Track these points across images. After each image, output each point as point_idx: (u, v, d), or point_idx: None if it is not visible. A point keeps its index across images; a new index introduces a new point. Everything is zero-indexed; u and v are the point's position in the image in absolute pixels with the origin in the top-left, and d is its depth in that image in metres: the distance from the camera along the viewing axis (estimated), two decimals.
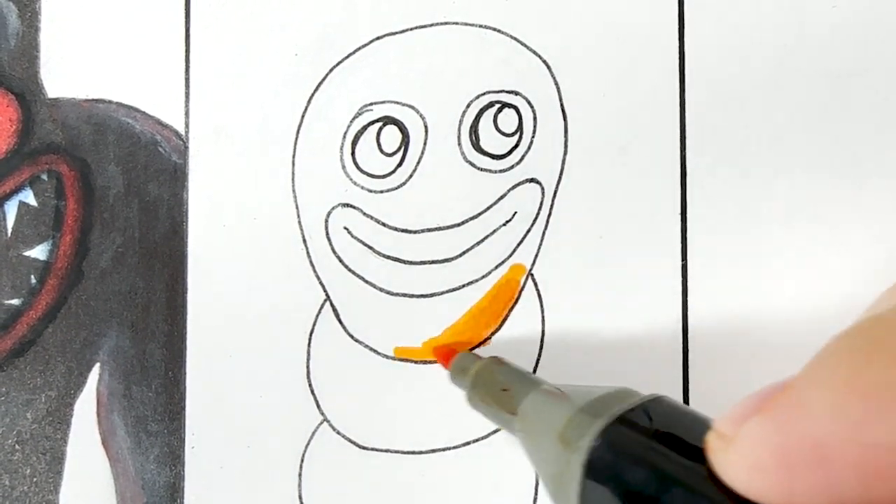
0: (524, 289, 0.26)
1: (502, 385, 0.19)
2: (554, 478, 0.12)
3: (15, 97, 0.28)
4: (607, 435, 0.11)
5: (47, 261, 0.27)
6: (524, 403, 0.15)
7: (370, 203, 0.26)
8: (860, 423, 0.09)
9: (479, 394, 0.20)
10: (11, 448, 0.27)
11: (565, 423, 0.12)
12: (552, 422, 0.12)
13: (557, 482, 0.12)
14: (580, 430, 0.11)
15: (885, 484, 0.09)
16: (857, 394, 0.09)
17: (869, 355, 0.09)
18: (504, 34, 0.26)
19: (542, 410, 0.13)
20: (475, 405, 0.21)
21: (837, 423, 0.09)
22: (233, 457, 0.26)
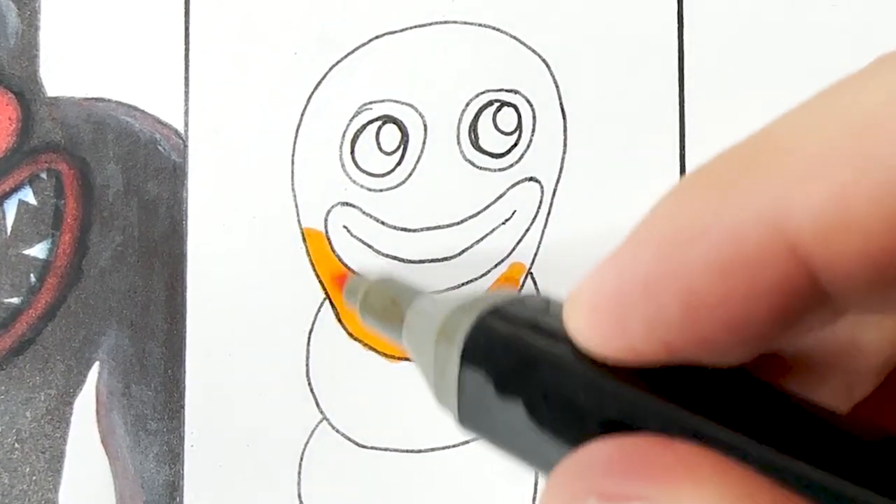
0: (524, 287, 0.26)
1: (391, 298, 0.19)
2: (436, 376, 0.13)
3: (14, 96, 0.28)
4: (482, 323, 0.12)
5: (47, 259, 0.27)
6: (409, 312, 0.16)
7: (369, 202, 0.26)
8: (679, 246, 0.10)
9: (369, 309, 0.21)
10: (11, 446, 0.27)
11: (443, 321, 0.12)
12: (433, 322, 0.13)
13: (439, 379, 0.13)
14: (457, 323, 0.12)
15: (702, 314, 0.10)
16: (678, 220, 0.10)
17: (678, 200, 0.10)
18: (504, 33, 0.26)
19: (424, 314, 0.14)
20: (369, 323, 0.22)
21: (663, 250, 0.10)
22: (232, 455, 0.26)
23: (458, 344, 0.12)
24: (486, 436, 0.12)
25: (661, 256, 0.10)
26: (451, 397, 0.13)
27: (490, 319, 0.12)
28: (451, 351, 0.12)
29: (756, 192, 0.09)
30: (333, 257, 0.27)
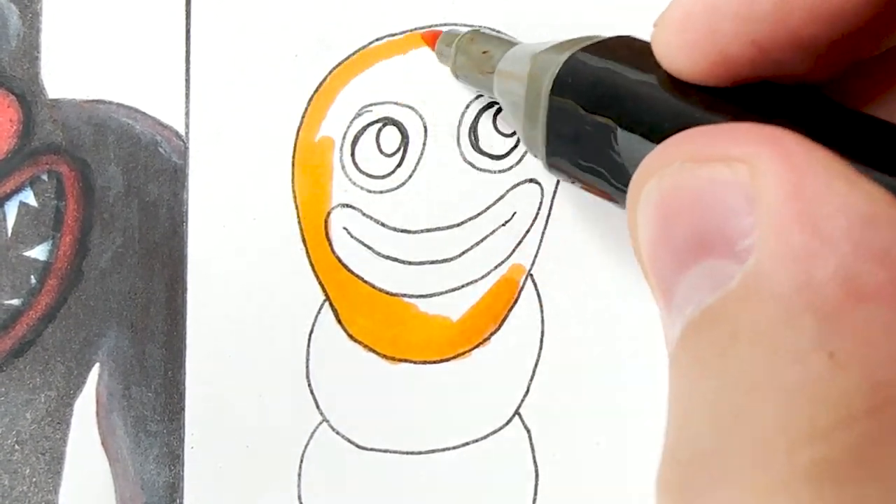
0: (524, 289, 0.26)
1: (483, 48, 0.20)
2: (525, 117, 0.13)
3: (16, 98, 0.28)
4: (571, 61, 0.12)
5: (47, 261, 0.27)
6: (501, 61, 0.17)
7: (370, 203, 0.27)
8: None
9: (462, 61, 0.21)
10: (11, 448, 0.27)
11: (533, 61, 0.13)
12: (523, 66, 0.13)
13: (529, 120, 0.13)
14: (547, 63, 0.12)
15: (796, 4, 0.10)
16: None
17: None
18: (503, 34, 0.26)
19: (515, 61, 0.15)
20: (461, 76, 0.22)
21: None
22: (232, 457, 0.26)
23: (548, 79, 0.12)
24: (571, 172, 0.12)
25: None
26: (538, 136, 0.13)
27: (579, 57, 0.12)
28: (541, 86, 0.12)
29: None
30: (333, 258, 0.27)
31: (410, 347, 0.26)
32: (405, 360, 0.26)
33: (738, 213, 0.10)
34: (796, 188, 0.09)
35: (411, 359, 0.26)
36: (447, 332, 0.26)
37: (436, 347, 0.26)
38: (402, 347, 0.26)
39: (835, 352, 0.08)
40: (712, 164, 0.10)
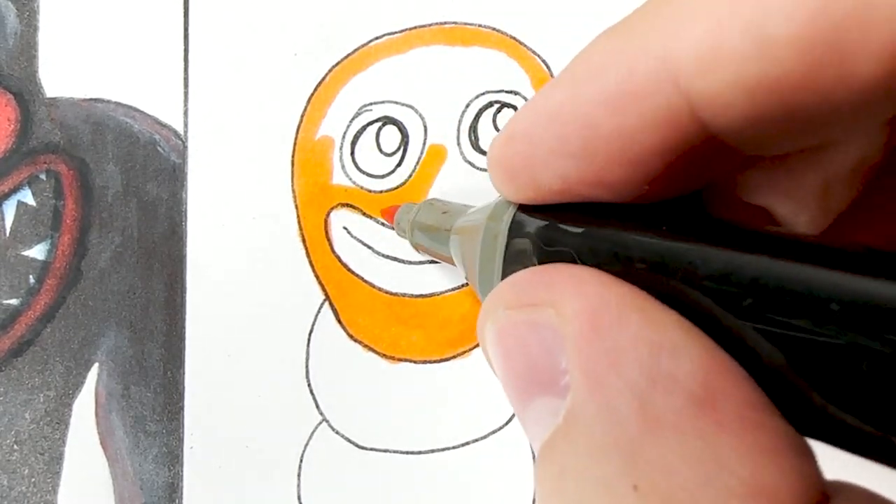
0: None
1: (442, 210, 0.21)
2: (482, 256, 0.14)
3: (13, 96, 0.27)
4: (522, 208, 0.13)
5: (46, 261, 0.27)
6: (460, 219, 0.18)
7: (370, 203, 0.26)
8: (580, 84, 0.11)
9: (421, 223, 0.22)
10: (10, 448, 0.27)
11: (492, 209, 0.14)
12: (482, 216, 0.14)
13: (485, 258, 0.14)
14: (504, 209, 0.14)
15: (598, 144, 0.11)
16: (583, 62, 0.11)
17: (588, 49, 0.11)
18: (503, 34, 0.26)
19: (473, 214, 0.16)
20: (418, 240, 0.23)
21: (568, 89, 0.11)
22: (231, 457, 0.26)
23: (507, 219, 0.13)
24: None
25: (566, 92, 0.11)
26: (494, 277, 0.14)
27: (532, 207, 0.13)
28: (500, 228, 0.14)
29: (647, 34, 0.10)
30: (334, 258, 0.27)
31: (410, 347, 0.26)
32: (405, 360, 0.26)
33: (556, 352, 0.10)
34: (592, 325, 0.10)
35: (411, 358, 0.26)
36: (447, 331, 0.26)
37: (436, 347, 0.26)
38: (402, 347, 0.26)
39: (638, 484, 0.09)
40: (526, 309, 0.11)
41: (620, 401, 0.10)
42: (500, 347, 0.12)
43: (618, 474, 0.09)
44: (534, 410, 0.11)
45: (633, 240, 0.11)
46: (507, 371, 0.12)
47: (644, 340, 0.10)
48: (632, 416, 0.09)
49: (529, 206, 0.13)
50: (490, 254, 0.14)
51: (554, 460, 0.10)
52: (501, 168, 0.12)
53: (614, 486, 0.09)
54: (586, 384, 0.10)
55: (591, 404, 0.10)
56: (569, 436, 0.10)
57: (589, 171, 0.11)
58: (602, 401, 0.10)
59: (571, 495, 0.10)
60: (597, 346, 0.10)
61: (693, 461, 0.09)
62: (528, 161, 0.12)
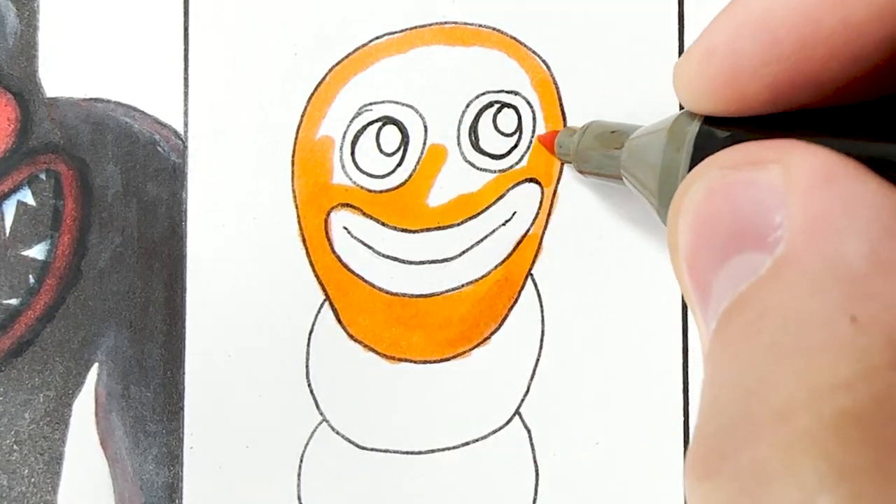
0: (524, 289, 0.26)
1: (610, 129, 0.21)
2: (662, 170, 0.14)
3: (13, 96, 0.27)
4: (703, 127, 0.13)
5: (45, 260, 0.27)
6: (631, 136, 0.17)
7: (370, 203, 0.26)
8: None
9: (588, 143, 0.22)
10: (9, 448, 0.27)
11: (672, 123, 0.14)
12: (661, 130, 0.14)
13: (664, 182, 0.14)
14: (687, 122, 0.13)
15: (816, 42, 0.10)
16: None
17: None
18: (504, 34, 0.26)
19: (649, 131, 0.15)
20: (583, 159, 0.23)
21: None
22: (232, 457, 0.26)
23: (688, 144, 0.13)
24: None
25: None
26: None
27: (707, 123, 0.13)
28: (681, 153, 0.13)
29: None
30: (334, 258, 0.27)
31: (410, 347, 0.26)
32: (405, 360, 0.26)
33: (771, 208, 0.10)
34: (828, 177, 0.10)
35: (411, 358, 0.26)
36: (447, 331, 0.26)
37: (436, 347, 0.26)
38: (402, 347, 0.26)
39: (857, 315, 0.09)
40: (748, 167, 0.11)
41: (849, 243, 0.09)
42: (704, 210, 0.11)
43: (835, 306, 0.09)
44: (728, 270, 0.11)
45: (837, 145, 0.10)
46: (705, 231, 0.11)
47: (881, 195, 0.09)
48: (861, 259, 0.09)
49: (712, 118, 0.12)
50: (673, 164, 0.13)
51: (752, 304, 0.10)
52: (701, 82, 0.12)
53: (829, 316, 0.09)
54: (811, 228, 0.10)
55: (814, 246, 0.09)
56: (776, 278, 0.10)
57: (804, 73, 0.11)
58: (829, 242, 0.09)
59: (771, 331, 0.09)
60: (830, 194, 0.10)
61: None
62: (733, 75, 0.11)
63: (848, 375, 0.09)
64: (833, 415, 0.08)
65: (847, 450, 0.08)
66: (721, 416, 0.10)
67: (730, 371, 0.10)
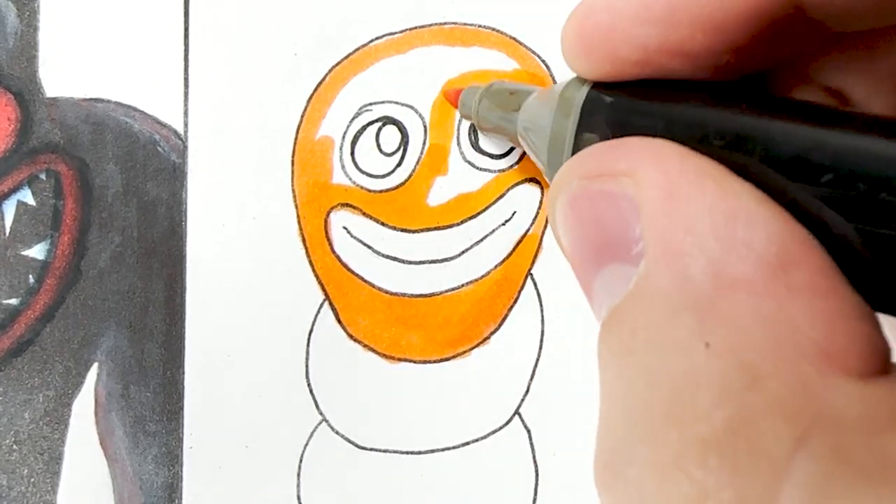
0: (524, 288, 0.26)
1: (510, 90, 0.21)
2: (553, 133, 0.14)
3: (13, 96, 0.27)
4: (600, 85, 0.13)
5: (45, 260, 0.27)
6: (528, 99, 0.18)
7: (370, 203, 0.26)
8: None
9: (487, 104, 0.22)
10: (9, 448, 0.27)
11: (564, 87, 0.14)
12: (551, 96, 0.14)
13: (556, 134, 0.14)
14: (576, 88, 0.14)
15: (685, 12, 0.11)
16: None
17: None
18: (503, 34, 0.26)
19: (544, 94, 0.15)
20: (483, 120, 0.23)
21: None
22: (231, 457, 0.26)
23: (575, 109, 0.13)
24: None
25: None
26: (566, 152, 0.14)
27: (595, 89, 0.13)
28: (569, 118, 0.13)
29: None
30: (333, 256, 0.27)
31: (410, 347, 0.26)
32: (405, 360, 0.26)
33: (630, 221, 0.11)
34: (669, 193, 0.10)
35: (411, 358, 0.26)
36: (447, 331, 0.26)
37: (435, 347, 0.26)
38: (401, 347, 0.26)
39: (710, 342, 0.09)
40: (602, 178, 0.11)
41: (695, 266, 0.10)
42: (572, 217, 0.12)
43: (690, 332, 0.10)
44: (604, 278, 0.11)
45: (711, 115, 0.11)
46: (577, 240, 0.12)
47: (720, 209, 0.10)
48: (706, 280, 0.10)
49: (603, 84, 0.13)
50: (561, 130, 0.14)
51: (624, 322, 0.10)
52: (579, 41, 0.12)
53: (686, 343, 0.10)
54: (661, 249, 0.10)
55: (665, 269, 0.10)
56: (641, 298, 0.10)
57: (672, 39, 0.11)
58: (676, 265, 0.10)
59: (641, 354, 0.10)
60: (673, 214, 0.10)
61: (765, 322, 0.09)
62: (607, 32, 0.12)
63: (705, 404, 0.09)
64: (694, 441, 0.09)
65: (707, 474, 0.09)
66: (611, 432, 0.10)
67: (615, 389, 0.10)
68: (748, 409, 0.09)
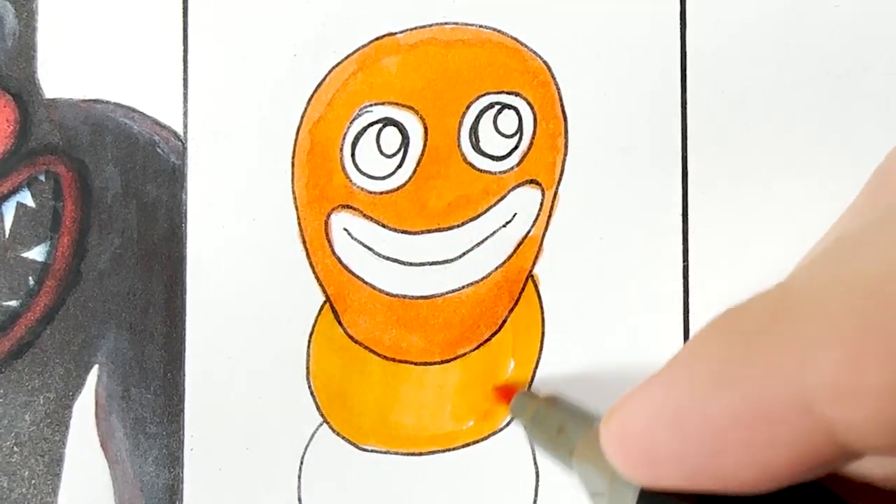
0: (524, 289, 0.26)
1: (558, 426, 0.20)
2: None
3: (12, 97, 0.27)
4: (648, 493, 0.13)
5: (45, 262, 0.27)
6: (579, 445, 0.17)
7: (370, 204, 0.26)
8: (706, 392, 0.10)
9: (537, 435, 0.22)
10: (10, 450, 0.27)
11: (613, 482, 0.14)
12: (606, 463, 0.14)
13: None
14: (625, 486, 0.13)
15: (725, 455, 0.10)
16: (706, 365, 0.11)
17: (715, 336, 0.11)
18: (504, 34, 0.26)
19: (596, 452, 0.15)
20: (535, 443, 0.23)
21: (692, 392, 0.11)
22: (232, 459, 0.26)
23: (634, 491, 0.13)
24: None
25: (691, 396, 0.11)
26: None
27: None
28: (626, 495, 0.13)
29: (775, 354, 0.10)
30: (335, 260, 0.27)
31: (411, 349, 0.26)
32: (405, 361, 0.26)
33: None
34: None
35: (411, 360, 0.26)
36: (447, 333, 0.26)
37: (436, 349, 0.26)
38: (402, 349, 0.26)
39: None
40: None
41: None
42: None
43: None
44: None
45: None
46: None
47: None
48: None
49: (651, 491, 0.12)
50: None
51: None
52: (621, 457, 0.12)
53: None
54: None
55: None
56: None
57: (715, 474, 0.11)
58: None
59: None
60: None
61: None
62: (650, 458, 0.11)
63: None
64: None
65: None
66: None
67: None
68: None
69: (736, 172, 0.25)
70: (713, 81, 0.25)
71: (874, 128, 0.24)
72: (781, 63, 0.25)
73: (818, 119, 0.24)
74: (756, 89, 0.25)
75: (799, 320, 0.10)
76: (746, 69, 0.25)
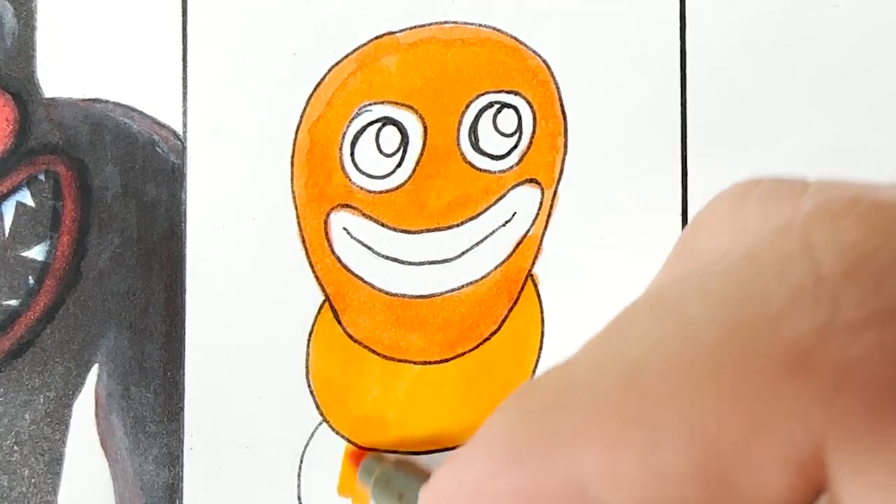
0: (524, 289, 0.26)
1: (399, 491, 0.21)
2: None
3: (11, 97, 0.27)
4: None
5: (45, 261, 0.27)
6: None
7: (370, 204, 0.26)
8: (498, 469, 0.11)
9: (380, 501, 0.23)
10: (10, 449, 0.27)
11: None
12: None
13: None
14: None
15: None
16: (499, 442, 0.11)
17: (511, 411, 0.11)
18: (504, 34, 0.26)
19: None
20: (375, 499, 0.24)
21: (485, 469, 0.11)
22: (232, 458, 0.26)
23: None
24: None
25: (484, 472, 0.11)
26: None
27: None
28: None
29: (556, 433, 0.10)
30: (333, 259, 0.27)
31: (410, 348, 0.26)
32: (405, 361, 0.26)
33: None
34: None
35: (411, 359, 0.26)
36: (447, 332, 0.26)
37: (436, 348, 0.26)
38: (401, 348, 0.26)
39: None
40: None
41: None
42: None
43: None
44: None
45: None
46: None
47: None
48: None
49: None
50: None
51: None
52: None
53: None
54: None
55: None
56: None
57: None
58: None
59: None
60: None
61: None
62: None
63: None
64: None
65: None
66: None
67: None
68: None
69: (736, 172, 0.24)
70: (713, 81, 0.25)
71: (874, 128, 0.24)
72: (781, 63, 0.25)
73: (818, 119, 0.24)
74: (756, 89, 0.25)
75: (572, 402, 0.10)
76: (746, 69, 0.25)
